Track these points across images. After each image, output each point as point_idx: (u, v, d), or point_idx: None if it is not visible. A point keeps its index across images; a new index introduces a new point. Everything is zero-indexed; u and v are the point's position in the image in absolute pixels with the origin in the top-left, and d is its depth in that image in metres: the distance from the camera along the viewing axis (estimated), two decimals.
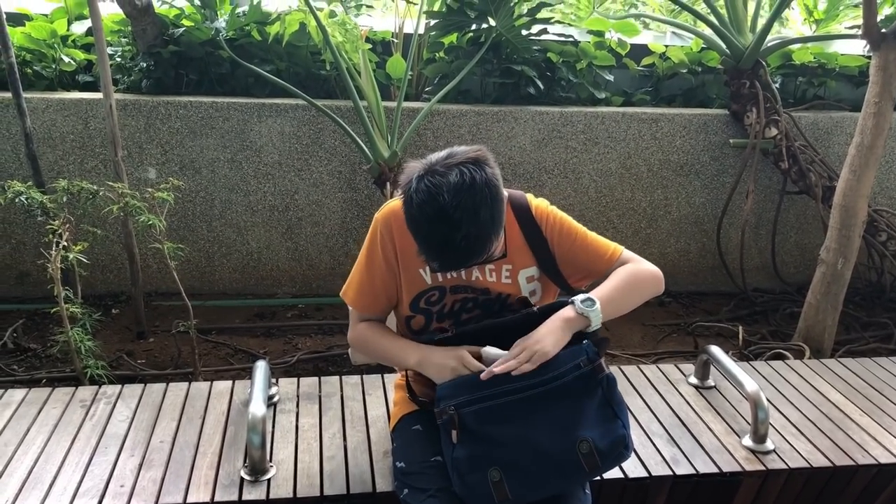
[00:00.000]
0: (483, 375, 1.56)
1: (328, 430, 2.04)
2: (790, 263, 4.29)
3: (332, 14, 3.46)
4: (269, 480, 1.80)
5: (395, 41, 3.98)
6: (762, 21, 3.95)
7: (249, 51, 3.73)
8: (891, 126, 3.13)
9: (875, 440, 2.14)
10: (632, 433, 2.06)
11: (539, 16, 3.65)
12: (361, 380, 2.33)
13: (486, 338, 1.64)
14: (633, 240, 4.09)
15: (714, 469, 1.98)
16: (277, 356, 3.29)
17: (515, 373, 1.54)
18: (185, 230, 3.76)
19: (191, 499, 1.72)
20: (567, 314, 1.61)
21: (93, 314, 2.84)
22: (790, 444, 2.10)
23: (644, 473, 1.94)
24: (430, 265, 1.59)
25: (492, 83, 3.93)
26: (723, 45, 3.92)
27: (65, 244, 2.59)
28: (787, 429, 2.19)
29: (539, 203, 1.75)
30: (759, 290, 4.22)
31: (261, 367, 2.02)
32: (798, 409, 2.30)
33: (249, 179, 3.71)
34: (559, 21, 4.26)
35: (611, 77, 4.06)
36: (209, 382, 2.26)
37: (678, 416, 2.22)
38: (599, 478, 1.89)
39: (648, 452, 2.02)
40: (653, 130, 3.91)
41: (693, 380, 2.43)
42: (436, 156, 1.50)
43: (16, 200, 2.76)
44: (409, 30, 3.93)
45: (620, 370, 2.49)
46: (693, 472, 1.96)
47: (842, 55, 4.13)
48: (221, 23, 3.64)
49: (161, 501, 1.71)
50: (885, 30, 2.98)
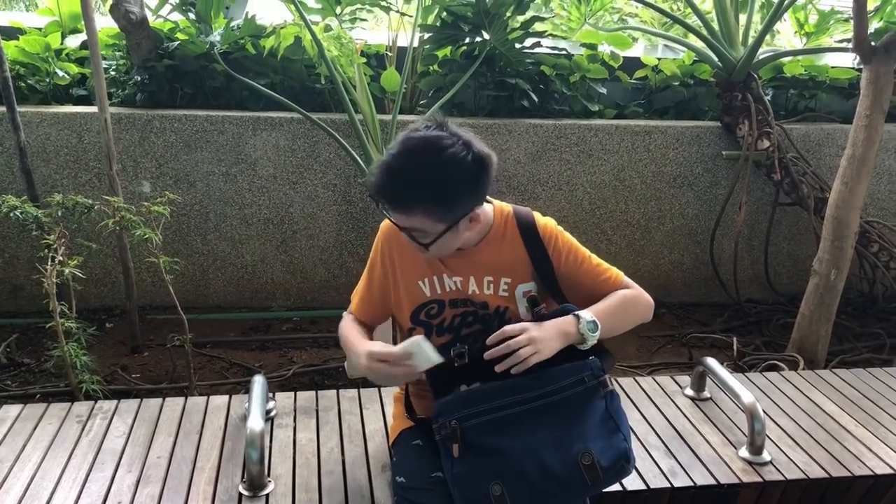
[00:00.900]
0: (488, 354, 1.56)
1: (326, 445, 2.04)
2: (783, 274, 4.31)
3: (328, 28, 3.48)
4: (268, 496, 1.79)
5: (390, 54, 4.00)
6: (754, 34, 3.99)
7: (244, 64, 3.74)
8: (882, 138, 3.16)
9: (871, 451, 2.15)
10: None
11: (532, 29, 3.67)
12: (358, 393, 2.33)
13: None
14: (627, 251, 4.11)
15: (712, 481, 1.98)
16: (273, 369, 3.28)
17: (512, 364, 1.55)
18: (180, 243, 3.75)
19: None
20: (568, 328, 1.61)
21: (87, 328, 2.83)
22: (787, 456, 2.11)
23: (642, 486, 1.94)
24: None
25: (486, 96, 3.95)
26: (715, 58, 3.95)
27: (60, 259, 2.59)
28: (784, 440, 2.19)
29: (546, 222, 1.77)
30: (753, 301, 4.24)
31: (258, 382, 2.02)
32: (794, 420, 2.31)
33: (244, 193, 3.71)
34: (552, 34, 4.28)
35: (604, 90, 4.08)
36: (206, 397, 2.25)
37: (675, 429, 2.22)
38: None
39: (646, 465, 2.02)
40: (646, 143, 3.93)
41: (689, 391, 2.44)
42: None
43: (10, 215, 2.76)
44: (403, 43, 3.96)
45: (616, 382, 2.49)
46: (691, 485, 1.96)
47: (832, 68, 4.18)
48: (216, 36, 3.64)
49: None
50: (876, 43, 3.01)
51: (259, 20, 3.67)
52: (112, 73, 3.78)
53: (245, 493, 1.79)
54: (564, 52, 3.98)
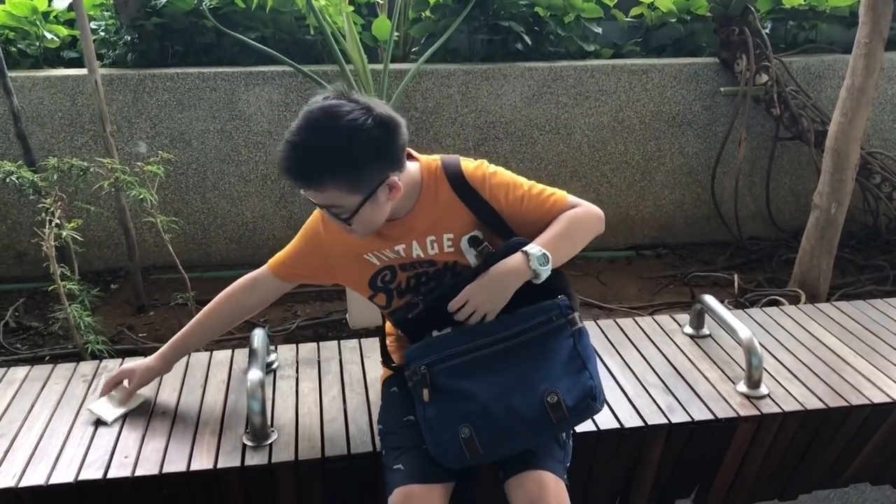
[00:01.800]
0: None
1: (328, 394, 2.06)
2: (785, 210, 4.29)
3: None
4: (271, 445, 1.82)
5: (381, 2, 3.94)
6: None
7: (234, 19, 3.70)
8: (882, 67, 3.11)
9: (869, 381, 2.16)
10: (627, 385, 2.11)
11: None
12: (360, 343, 2.35)
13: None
14: (628, 193, 4.09)
15: (709, 416, 2.00)
16: (277, 324, 3.32)
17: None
18: (179, 203, 3.76)
19: (194, 466, 1.75)
20: (518, 267, 1.59)
21: (91, 290, 2.86)
22: (784, 389, 2.12)
23: (640, 423, 1.96)
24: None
25: (479, 40, 3.90)
26: None
27: (57, 222, 2.60)
28: (782, 373, 2.20)
29: (475, 168, 1.70)
30: (755, 238, 4.23)
31: (258, 335, 2.04)
32: (793, 354, 2.32)
33: (240, 149, 3.70)
34: None
35: (599, 29, 4.02)
36: (209, 352, 2.28)
37: (673, 366, 2.24)
38: (596, 429, 1.92)
39: (644, 402, 2.04)
40: (643, 82, 3.88)
41: (688, 329, 2.45)
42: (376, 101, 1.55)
43: (6, 180, 2.77)
44: None
45: (616, 323, 2.51)
46: (689, 420, 1.98)
47: None
48: None
49: (165, 470, 1.73)
50: None
51: None
52: (101, 34, 3.74)
53: (249, 444, 1.82)
54: None
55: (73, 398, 2.04)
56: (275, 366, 2.20)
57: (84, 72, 3.43)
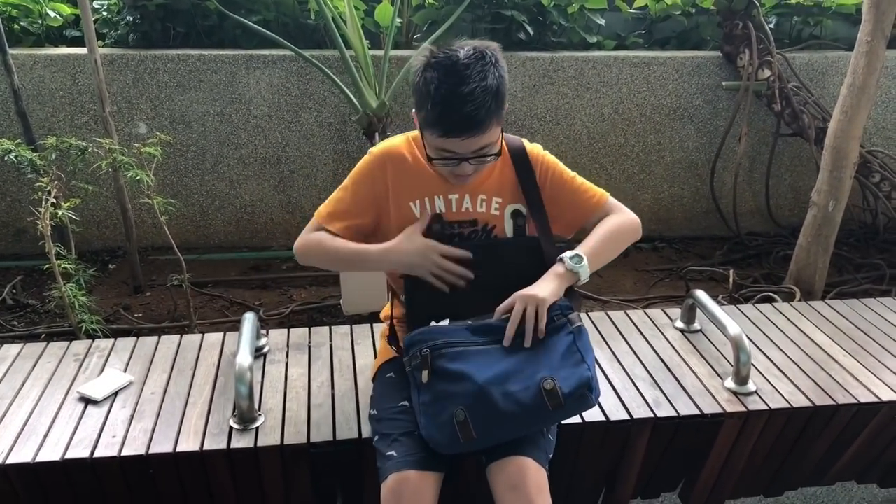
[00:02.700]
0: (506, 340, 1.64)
1: (316, 380, 2.07)
2: (784, 206, 4.29)
3: None
4: (258, 429, 1.84)
5: None
6: None
7: (236, 2, 3.69)
8: (884, 65, 3.10)
9: (857, 380, 2.16)
10: (614, 377, 2.12)
11: None
12: (351, 330, 2.36)
13: (487, 261, 1.70)
14: (627, 185, 4.09)
15: (695, 411, 2.00)
16: (272, 308, 3.33)
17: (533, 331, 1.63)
18: (178, 184, 3.77)
19: (181, 447, 1.76)
20: (558, 270, 1.68)
21: (87, 269, 2.87)
22: (772, 386, 2.12)
23: (626, 416, 1.97)
24: (437, 131, 1.60)
25: (482, 29, 3.89)
26: None
27: (53, 201, 2.61)
28: (771, 370, 2.21)
29: (534, 147, 1.83)
30: (754, 234, 4.23)
31: (248, 319, 2.05)
32: (782, 351, 2.32)
33: (240, 132, 3.70)
34: None
35: (602, 21, 4.01)
36: (201, 335, 2.29)
37: (662, 360, 2.24)
38: (581, 421, 1.93)
39: (631, 395, 2.05)
40: (645, 74, 3.87)
41: (679, 324, 2.45)
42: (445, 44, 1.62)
43: (5, 158, 2.77)
44: None
45: (607, 315, 2.51)
46: (674, 415, 1.98)
47: None
48: None
49: (151, 451, 1.75)
50: None
51: None
52: (104, 14, 3.74)
53: (235, 427, 1.84)
54: None
55: (65, 377, 2.05)
56: (265, 350, 2.21)
57: (85, 51, 3.43)
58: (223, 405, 1.94)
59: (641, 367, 2.20)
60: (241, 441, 1.79)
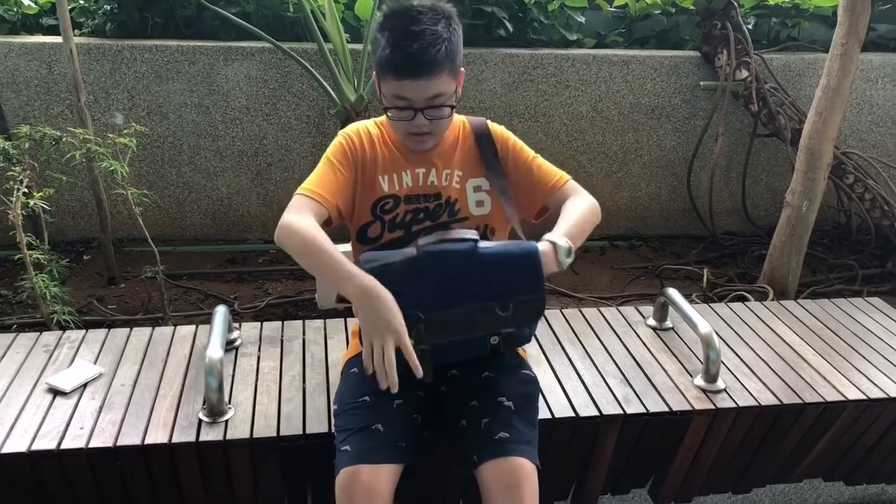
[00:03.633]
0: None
1: (288, 373, 2.07)
2: (761, 206, 4.33)
3: None
4: (227, 422, 1.83)
5: None
6: None
7: None
8: (858, 68, 3.13)
9: (824, 379, 2.19)
10: (586, 374, 2.13)
11: None
12: (324, 324, 2.36)
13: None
14: (605, 183, 4.11)
15: (664, 408, 2.02)
16: (247, 301, 3.32)
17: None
18: (155, 176, 3.74)
19: (149, 440, 1.75)
20: (549, 258, 1.64)
21: (60, 260, 2.84)
22: (741, 384, 2.15)
23: (595, 412, 1.98)
24: (389, 71, 1.61)
25: (462, 24, 3.87)
26: None
27: (25, 190, 2.58)
28: (740, 369, 2.23)
29: (497, 126, 1.88)
30: (730, 233, 4.27)
31: (220, 312, 2.04)
32: (752, 350, 2.34)
33: (217, 124, 3.68)
34: None
35: (582, 19, 4.02)
36: (173, 327, 2.28)
37: (633, 357, 2.26)
38: (551, 416, 1.94)
39: (601, 392, 2.06)
40: (624, 73, 3.89)
41: (651, 322, 2.47)
42: None
43: None
44: None
45: (581, 312, 2.52)
46: (644, 412, 2.00)
47: None
48: None
49: (119, 443, 1.74)
50: None
51: None
52: (81, 2, 3.70)
53: (205, 420, 1.83)
54: None
55: (33, 368, 2.04)
56: (237, 343, 2.20)
57: (61, 40, 3.39)
58: (193, 398, 1.93)
59: (613, 365, 2.21)
60: (210, 434, 1.79)
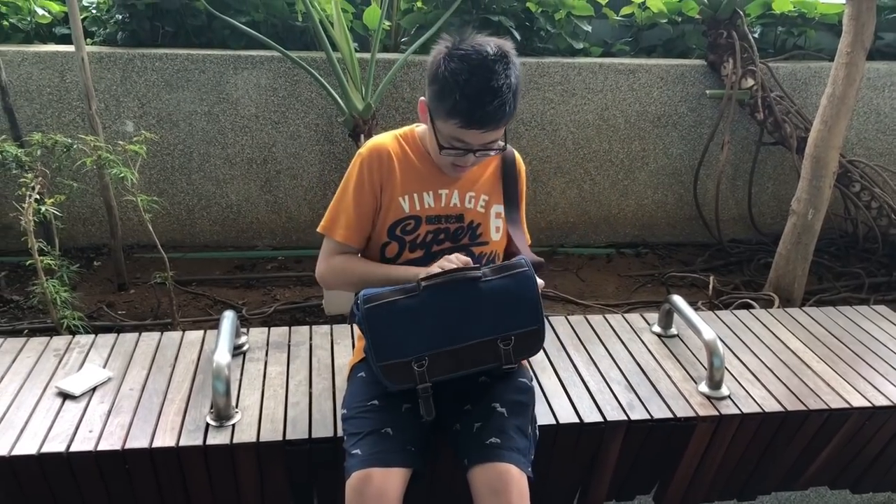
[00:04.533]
0: None
1: (295, 378, 2.09)
2: (767, 214, 4.33)
3: None
4: (234, 426, 1.85)
5: None
6: None
7: (226, 2, 3.70)
8: (865, 76, 3.14)
9: (829, 386, 2.20)
10: (590, 380, 2.14)
11: None
12: (331, 329, 2.38)
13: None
14: (611, 191, 4.12)
15: (668, 414, 2.03)
16: (256, 307, 3.34)
17: None
18: (165, 183, 3.78)
19: (157, 443, 1.78)
20: None
21: (70, 266, 2.87)
22: (745, 391, 2.15)
23: (599, 419, 1.99)
24: (460, 121, 1.62)
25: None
26: None
27: (37, 197, 2.62)
28: (745, 376, 2.24)
29: (521, 161, 1.94)
30: (736, 241, 4.27)
31: (227, 318, 2.06)
32: (757, 357, 2.35)
33: (227, 132, 3.72)
34: None
35: (589, 27, 4.04)
36: (181, 332, 2.31)
37: (638, 364, 2.27)
38: (555, 423, 1.95)
39: (605, 398, 2.07)
40: (630, 81, 3.91)
41: (656, 328, 2.48)
42: (463, 37, 1.66)
43: None
44: None
45: (586, 319, 2.54)
46: (648, 418, 2.01)
47: (822, 3, 4.12)
48: None
49: (128, 445, 1.76)
50: None
51: None
52: (93, 12, 3.75)
53: (212, 424, 1.85)
54: None
55: (44, 371, 2.07)
56: (245, 348, 2.23)
57: (73, 49, 3.44)
58: (201, 402, 1.95)
59: (617, 371, 2.23)
60: (217, 438, 1.81)
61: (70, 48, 3.51)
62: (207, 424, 1.85)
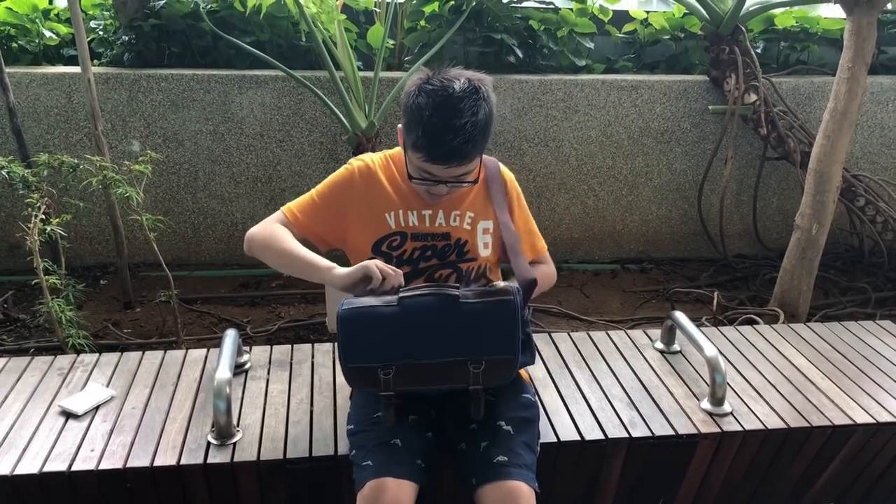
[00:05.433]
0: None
1: (296, 396, 2.10)
2: (772, 229, 4.32)
3: None
4: (235, 444, 1.86)
5: (378, 11, 3.98)
6: None
7: (231, 23, 3.75)
8: (868, 91, 3.14)
9: (832, 402, 2.19)
10: (592, 397, 2.14)
11: None
12: (333, 347, 2.38)
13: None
14: (615, 207, 4.13)
15: (670, 431, 2.02)
16: (260, 325, 3.36)
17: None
18: (171, 202, 3.81)
19: (158, 462, 1.78)
20: None
21: (76, 285, 2.90)
22: (748, 407, 2.14)
23: (601, 436, 1.99)
24: (423, 155, 1.64)
25: (473, 52, 3.94)
26: (703, 11, 3.91)
27: (43, 216, 2.64)
28: (748, 392, 2.23)
29: (508, 172, 1.95)
30: (741, 256, 4.26)
31: (230, 336, 2.07)
32: (760, 373, 2.34)
33: (232, 151, 3.75)
34: None
35: (591, 45, 4.06)
36: (184, 350, 2.32)
37: (640, 381, 2.26)
38: (556, 440, 1.95)
39: (607, 416, 2.07)
40: (633, 98, 3.92)
41: (659, 345, 2.48)
42: (440, 70, 1.67)
43: None
44: None
45: (589, 336, 2.54)
46: (649, 435, 2.01)
47: (824, 18, 4.13)
48: None
49: (129, 465, 1.77)
50: None
51: None
52: (99, 33, 3.80)
53: (213, 442, 1.86)
54: (552, 6, 3.95)
55: (47, 391, 2.08)
56: (247, 366, 2.23)
57: (80, 70, 3.48)
58: (203, 420, 1.96)
59: (619, 387, 2.22)
60: (218, 456, 1.81)
61: (77, 69, 3.55)
62: (209, 443, 1.86)
